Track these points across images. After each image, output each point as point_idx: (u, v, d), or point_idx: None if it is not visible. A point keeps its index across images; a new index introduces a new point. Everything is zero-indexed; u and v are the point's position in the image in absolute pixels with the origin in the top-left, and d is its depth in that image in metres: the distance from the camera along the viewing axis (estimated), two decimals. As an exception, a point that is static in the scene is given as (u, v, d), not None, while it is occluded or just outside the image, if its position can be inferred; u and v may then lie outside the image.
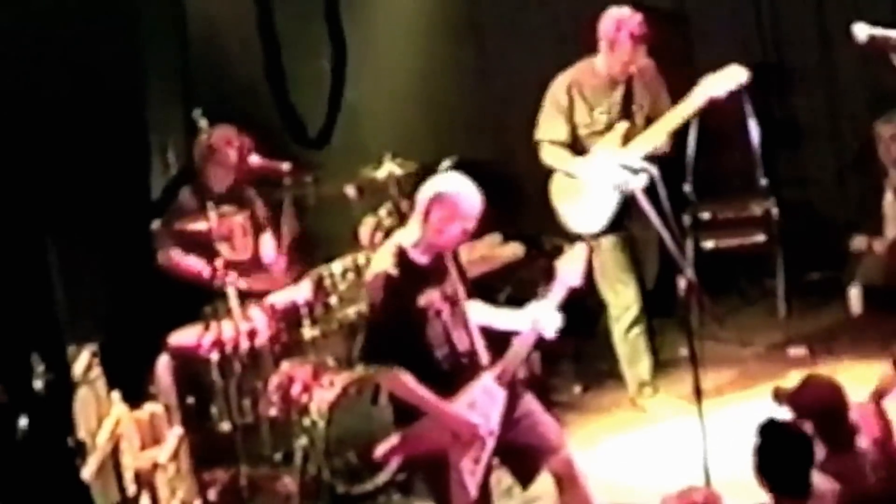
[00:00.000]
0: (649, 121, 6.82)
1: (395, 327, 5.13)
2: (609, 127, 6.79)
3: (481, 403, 5.26)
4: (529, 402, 5.35)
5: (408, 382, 5.17)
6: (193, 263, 6.52)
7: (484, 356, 5.35)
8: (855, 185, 8.19)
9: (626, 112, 6.83)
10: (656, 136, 6.72)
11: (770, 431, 4.53)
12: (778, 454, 4.50)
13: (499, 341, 5.40)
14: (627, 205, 6.45)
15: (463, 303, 5.35)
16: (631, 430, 6.82)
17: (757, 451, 4.51)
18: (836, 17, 7.45)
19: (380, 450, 5.42)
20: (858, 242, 8.00)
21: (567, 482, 5.31)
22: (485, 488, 5.30)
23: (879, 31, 6.04)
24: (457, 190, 5.16)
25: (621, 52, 6.72)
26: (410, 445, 5.32)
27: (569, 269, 5.36)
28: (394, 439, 5.35)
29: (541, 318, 5.30)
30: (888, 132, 7.66)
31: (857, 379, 5.67)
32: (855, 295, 7.92)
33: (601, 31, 6.77)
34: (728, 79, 6.71)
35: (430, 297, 5.20)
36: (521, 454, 5.31)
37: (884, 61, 6.02)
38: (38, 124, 5.20)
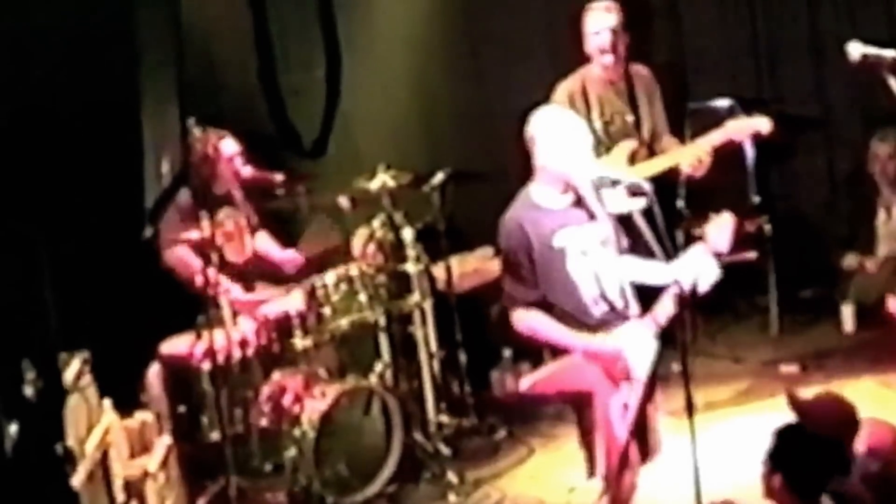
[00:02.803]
0: (652, 134, 6.84)
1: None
2: (611, 135, 6.78)
3: (631, 348, 5.29)
4: None
5: (549, 322, 5.28)
6: (193, 265, 6.47)
7: (634, 307, 5.42)
8: (847, 204, 8.23)
9: (631, 126, 6.84)
10: (663, 164, 6.76)
11: (794, 435, 4.46)
12: (804, 457, 4.42)
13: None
14: (621, 220, 6.47)
15: (613, 247, 5.46)
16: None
17: (778, 454, 4.41)
18: (830, 36, 7.50)
19: (524, 382, 5.47)
20: (850, 260, 8.03)
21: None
22: (642, 436, 5.31)
23: (872, 51, 6.07)
24: None
25: (602, 43, 6.84)
26: (556, 382, 5.35)
27: (717, 235, 5.41)
28: (539, 374, 5.40)
29: (693, 270, 5.29)
30: (884, 151, 7.72)
31: (849, 394, 5.63)
32: (847, 313, 7.95)
33: (584, 34, 6.89)
34: (751, 127, 6.80)
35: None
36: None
37: (877, 80, 6.04)
38: (33, 133, 5.21)
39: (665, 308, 5.32)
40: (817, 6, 8.26)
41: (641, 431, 5.31)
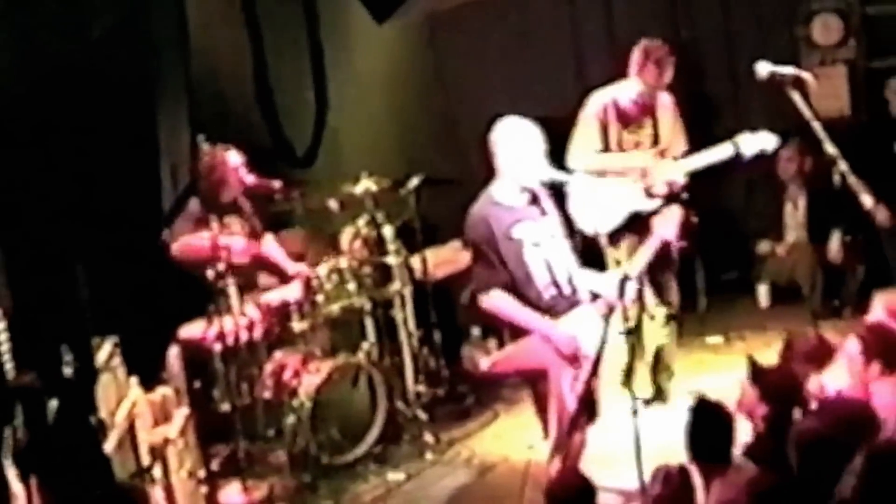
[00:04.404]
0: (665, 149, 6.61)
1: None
2: (637, 146, 6.58)
3: (581, 330, 5.24)
4: None
5: (511, 303, 5.20)
6: (200, 252, 6.41)
7: (581, 292, 5.35)
8: (761, 199, 8.26)
9: (653, 140, 6.62)
10: (678, 169, 6.52)
11: (701, 409, 4.60)
12: (707, 427, 4.56)
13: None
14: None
15: (561, 239, 5.39)
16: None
17: (689, 427, 4.56)
18: (744, 57, 7.50)
19: (486, 362, 5.43)
20: (764, 247, 8.10)
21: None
22: (589, 405, 5.27)
23: (778, 69, 6.08)
24: None
25: (648, 76, 6.49)
26: (514, 361, 5.30)
27: (664, 225, 5.43)
28: (499, 354, 5.35)
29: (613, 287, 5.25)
30: (786, 154, 7.74)
31: (764, 361, 5.70)
32: (762, 291, 8.03)
33: (632, 59, 6.54)
34: (761, 142, 6.53)
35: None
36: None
37: (782, 94, 6.05)
38: (71, 152, 5.21)
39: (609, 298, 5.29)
40: (733, 31, 8.31)
41: (588, 400, 5.28)
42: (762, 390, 4.75)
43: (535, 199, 5.44)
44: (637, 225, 6.36)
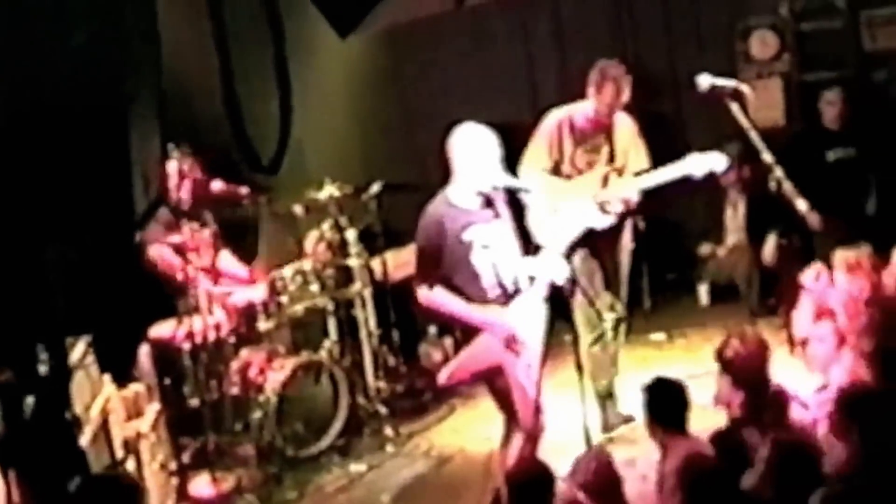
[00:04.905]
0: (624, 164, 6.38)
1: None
2: (590, 165, 6.40)
3: (523, 319, 5.22)
4: None
5: (448, 297, 5.17)
6: (172, 262, 6.42)
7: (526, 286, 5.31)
8: (702, 204, 8.29)
9: (608, 158, 6.38)
10: (632, 187, 6.29)
11: (657, 384, 4.79)
12: (664, 399, 4.75)
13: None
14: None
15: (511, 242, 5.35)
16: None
17: (648, 399, 4.74)
18: (685, 70, 7.54)
19: (443, 375, 5.35)
20: (705, 248, 8.17)
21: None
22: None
23: (718, 81, 6.17)
24: None
25: (605, 95, 6.27)
26: (467, 367, 5.25)
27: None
28: (452, 364, 5.30)
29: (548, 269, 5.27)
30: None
31: (705, 356, 5.78)
32: (703, 290, 8.10)
33: (589, 79, 6.32)
34: (710, 163, 6.25)
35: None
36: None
37: (721, 105, 6.15)
38: (45, 159, 5.20)
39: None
40: (675, 46, 8.40)
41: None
42: (733, 378, 4.85)
43: (488, 203, 5.41)
44: (590, 239, 6.34)
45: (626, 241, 6.53)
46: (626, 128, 6.42)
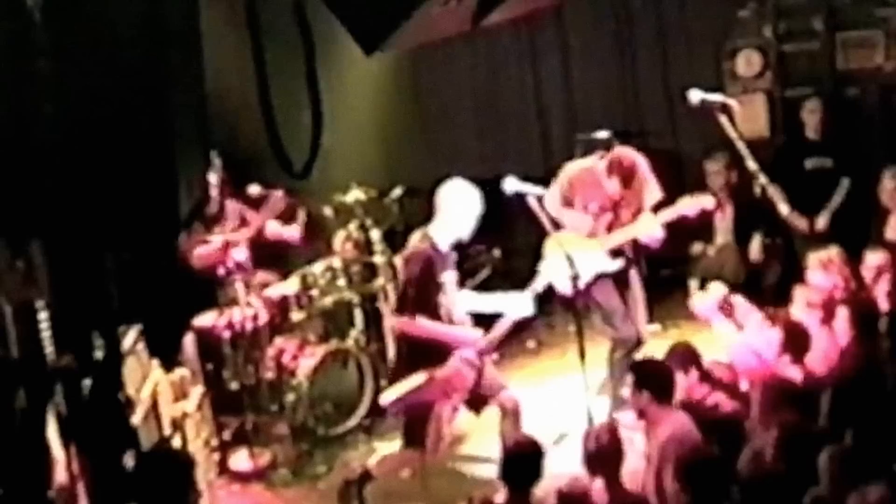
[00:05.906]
0: (635, 210, 6.26)
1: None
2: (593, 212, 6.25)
3: (469, 366, 5.36)
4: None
5: (425, 321, 5.30)
6: (213, 259, 6.47)
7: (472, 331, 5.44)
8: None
9: (616, 205, 6.26)
10: (624, 237, 6.26)
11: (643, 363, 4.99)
12: (651, 374, 4.92)
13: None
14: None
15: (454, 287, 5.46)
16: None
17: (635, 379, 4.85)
18: (677, 86, 7.57)
19: (384, 398, 5.46)
20: (697, 248, 8.14)
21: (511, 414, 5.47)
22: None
23: (708, 96, 6.20)
24: None
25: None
26: (410, 398, 5.35)
27: (552, 271, 5.56)
28: (395, 393, 5.40)
29: (518, 304, 5.44)
30: (713, 168, 7.80)
31: (695, 343, 5.85)
32: (694, 286, 8.09)
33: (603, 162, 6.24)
34: (700, 203, 6.27)
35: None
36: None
37: (710, 117, 6.17)
38: (102, 170, 5.26)
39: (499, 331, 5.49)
40: (669, 65, 8.41)
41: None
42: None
43: (455, 249, 5.55)
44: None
45: (635, 281, 6.50)
46: (638, 170, 6.30)
